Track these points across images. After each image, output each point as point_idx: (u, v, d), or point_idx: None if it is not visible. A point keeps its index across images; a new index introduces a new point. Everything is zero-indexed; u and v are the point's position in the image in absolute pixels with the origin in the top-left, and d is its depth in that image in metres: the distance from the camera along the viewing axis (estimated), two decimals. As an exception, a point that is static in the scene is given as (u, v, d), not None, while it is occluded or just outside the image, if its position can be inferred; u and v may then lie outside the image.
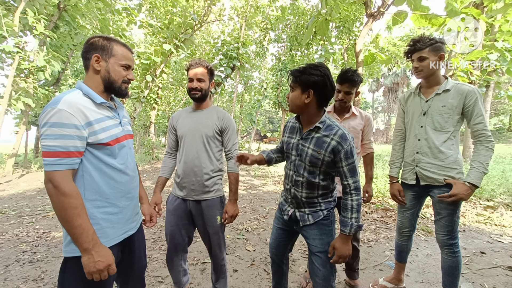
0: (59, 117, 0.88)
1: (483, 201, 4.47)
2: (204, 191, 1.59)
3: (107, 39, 1.06)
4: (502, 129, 24.04)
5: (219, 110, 1.66)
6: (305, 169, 1.28)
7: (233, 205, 1.63)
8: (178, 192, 1.64)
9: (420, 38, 1.64)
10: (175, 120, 1.66)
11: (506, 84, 14.72)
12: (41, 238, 2.97)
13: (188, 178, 1.58)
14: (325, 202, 1.34)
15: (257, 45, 13.19)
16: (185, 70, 1.65)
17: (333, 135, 1.20)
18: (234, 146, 1.67)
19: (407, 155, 1.83)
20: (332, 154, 1.20)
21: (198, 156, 1.58)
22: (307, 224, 1.34)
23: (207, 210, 1.61)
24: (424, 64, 1.63)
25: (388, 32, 12.74)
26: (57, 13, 7.39)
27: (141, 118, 16.62)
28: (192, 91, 1.56)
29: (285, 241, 1.51)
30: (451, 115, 1.60)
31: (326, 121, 1.25)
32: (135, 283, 1.23)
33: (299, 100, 1.23)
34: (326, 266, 1.29)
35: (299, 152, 1.30)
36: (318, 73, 1.17)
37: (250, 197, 5.23)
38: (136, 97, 10.09)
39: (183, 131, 1.60)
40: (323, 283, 1.30)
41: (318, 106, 1.23)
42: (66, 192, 0.87)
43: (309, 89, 1.19)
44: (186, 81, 14.71)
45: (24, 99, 6.55)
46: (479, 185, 1.49)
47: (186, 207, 1.63)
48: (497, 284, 2.11)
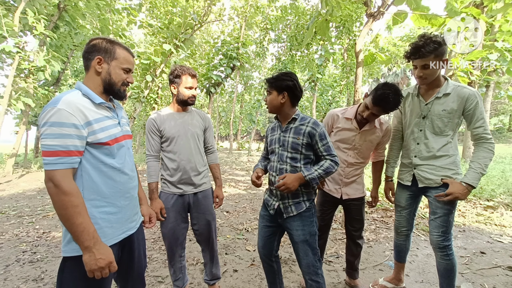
0: (59, 117, 0.88)
1: (483, 201, 4.47)
2: (200, 184, 1.77)
3: (110, 42, 1.07)
4: (502, 129, 24.04)
5: (199, 112, 1.87)
6: (288, 156, 1.46)
7: (221, 190, 1.91)
8: (174, 189, 1.72)
9: (425, 42, 1.48)
10: (159, 123, 1.69)
11: (506, 84, 14.72)
12: (41, 238, 2.98)
13: (186, 175, 1.71)
14: (307, 193, 1.48)
15: (257, 45, 13.17)
16: (178, 74, 1.69)
17: (307, 122, 1.45)
18: (213, 141, 1.96)
19: (404, 156, 1.82)
20: (309, 138, 1.43)
21: (193, 153, 1.74)
22: (291, 216, 1.46)
23: (204, 200, 1.79)
24: (428, 72, 1.53)
25: (388, 32, 12.74)
26: (57, 13, 7.40)
27: (141, 118, 16.62)
28: (192, 98, 1.72)
29: (271, 238, 1.60)
30: (451, 119, 1.58)
31: (300, 114, 1.51)
32: (135, 283, 1.23)
33: (276, 101, 1.47)
34: (309, 254, 1.43)
35: (281, 143, 1.49)
36: (289, 78, 1.44)
37: (250, 197, 5.23)
38: (136, 97, 10.09)
39: (173, 132, 1.69)
40: (307, 270, 1.44)
41: (292, 104, 1.49)
42: (67, 191, 0.88)
43: (284, 91, 1.44)
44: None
45: (24, 99, 6.56)
46: (475, 185, 1.48)
47: (183, 202, 1.74)
48: (497, 284, 2.11)
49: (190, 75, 1.69)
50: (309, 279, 1.44)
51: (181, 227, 1.75)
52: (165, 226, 1.71)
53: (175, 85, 1.70)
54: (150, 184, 1.68)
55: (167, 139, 1.70)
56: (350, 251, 2.02)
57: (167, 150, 1.72)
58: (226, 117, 23.72)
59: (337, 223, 3.46)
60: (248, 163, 11.92)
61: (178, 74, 1.68)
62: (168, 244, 1.74)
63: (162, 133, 1.70)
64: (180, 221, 1.73)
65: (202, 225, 1.79)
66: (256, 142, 28.07)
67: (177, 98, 1.72)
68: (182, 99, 1.70)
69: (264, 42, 12.91)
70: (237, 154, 18.36)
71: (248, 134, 28.55)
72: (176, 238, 1.73)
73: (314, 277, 1.43)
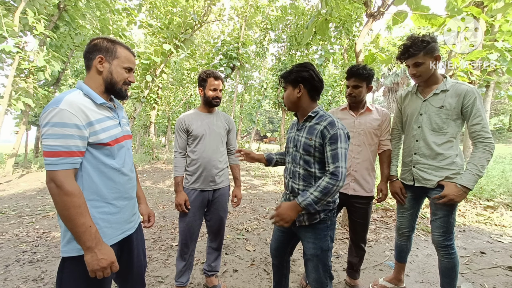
0: (61, 117, 0.88)
1: (483, 201, 4.47)
2: (220, 181, 1.90)
3: (111, 41, 1.07)
4: (502, 129, 24.01)
5: (224, 114, 2.00)
6: (301, 158, 1.33)
7: (240, 190, 2.02)
8: (195, 185, 1.83)
9: (412, 42, 1.55)
10: (187, 123, 1.83)
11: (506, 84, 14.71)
12: (41, 238, 2.98)
13: (209, 172, 1.83)
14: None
15: (257, 45, 13.16)
16: (204, 78, 1.83)
17: (323, 121, 1.27)
18: (235, 143, 2.05)
19: (405, 155, 1.82)
20: (321, 139, 1.25)
21: (217, 152, 1.86)
22: (303, 226, 1.34)
23: (222, 197, 1.92)
24: (421, 69, 1.58)
25: (388, 32, 12.73)
26: (57, 13, 7.39)
27: (141, 118, 16.62)
28: (216, 99, 1.84)
29: (285, 243, 1.52)
30: (450, 115, 1.57)
31: (319, 112, 1.33)
32: (135, 283, 1.23)
33: (292, 96, 1.34)
34: (318, 270, 1.31)
35: (295, 143, 1.38)
36: (304, 69, 1.30)
37: (250, 197, 5.23)
38: (136, 97, 10.08)
39: (199, 131, 1.82)
40: (315, 285, 1.34)
41: (310, 98, 1.34)
42: (69, 191, 0.88)
43: (299, 84, 1.31)
44: (186, 81, 14.59)
45: (24, 99, 6.55)
46: (471, 187, 1.47)
47: (203, 198, 1.85)
48: (497, 284, 2.11)
49: (214, 77, 1.81)
50: None
51: (198, 223, 1.85)
52: (183, 220, 1.81)
53: (202, 88, 1.85)
54: (176, 178, 1.81)
55: (194, 138, 1.83)
56: (353, 253, 2.02)
57: (192, 148, 1.84)
58: (226, 117, 23.66)
59: (337, 223, 3.45)
60: (248, 163, 11.92)
61: (204, 78, 1.82)
62: (183, 237, 1.82)
63: (189, 132, 1.83)
64: (197, 217, 1.84)
65: (215, 219, 1.92)
66: (256, 142, 28.06)
67: (203, 99, 1.87)
68: (208, 100, 1.83)
69: (264, 42, 12.90)
70: (237, 154, 18.31)
71: (248, 134, 28.55)
72: (192, 233, 1.83)
73: None
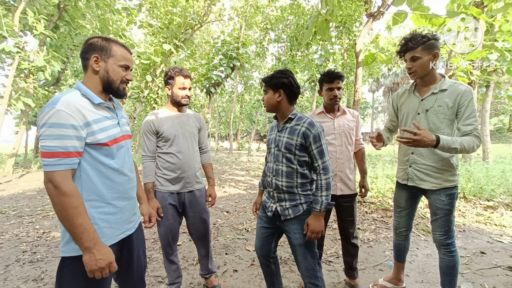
0: (58, 118, 0.88)
1: (483, 201, 4.47)
2: (197, 182, 1.83)
3: (106, 39, 1.06)
4: (502, 129, 24.02)
5: (194, 113, 1.92)
6: (283, 156, 1.44)
7: (214, 189, 1.96)
8: (170, 187, 1.75)
9: (412, 36, 1.57)
10: (156, 124, 1.72)
11: (506, 84, 14.71)
12: (41, 238, 2.98)
13: (185, 173, 1.76)
14: (305, 195, 1.44)
15: (257, 45, 13.14)
16: (172, 76, 1.74)
17: (303, 123, 1.40)
18: (207, 141, 2.00)
19: (401, 154, 1.82)
20: (303, 139, 1.38)
21: (191, 152, 1.80)
22: (288, 219, 1.44)
23: (200, 198, 1.85)
24: (417, 64, 1.57)
25: (388, 32, 12.72)
26: (57, 13, 7.40)
27: (141, 118, 16.61)
28: (185, 98, 1.76)
29: (268, 239, 1.59)
30: (447, 115, 1.56)
31: (297, 114, 1.47)
32: (135, 283, 1.22)
33: (272, 100, 1.45)
34: (307, 257, 1.43)
35: (276, 143, 1.48)
36: (284, 75, 1.42)
37: (250, 197, 5.23)
38: (136, 97, 10.07)
39: (171, 132, 1.73)
40: (306, 273, 1.43)
41: (289, 102, 1.47)
42: (67, 192, 0.88)
43: (279, 89, 1.43)
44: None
45: (24, 99, 6.56)
46: (443, 144, 1.37)
47: (179, 200, 1.78)
48: (497, 284, 2.11)
49: (182, 76, 1.73)
50: (308, 282, 1.44)
51: (177, 223, 1.81)
52: (163, 224, 1.74)
53: (169, 86, 1.76)
54: (146, 185, 1.71)
55: (166, 140, 1.73)
56: (347, 251, 2.03)
57: (165, 150, 1.74)
58: (226, 117, 23.72)
59: (337, 223, 3.45)
60: (248, 163, 11.92)
61: (172, 76, 1.73)
62: (166, 241, 1.77)
63: (160, 134, 1.73)
64: (176, 217, 1.80)
65: (198, 223, 1.85)
66: (256, 142, 28.06)
67: (171, 99, 1.78)
68: (176, 99, 1.75)
69: (264, 42, 12.89)
70: (237, 154, 18.36)
71: (248, 134, 28.56)
72: (173, 233, 1.79)
73: (313, 280, 1.43)
